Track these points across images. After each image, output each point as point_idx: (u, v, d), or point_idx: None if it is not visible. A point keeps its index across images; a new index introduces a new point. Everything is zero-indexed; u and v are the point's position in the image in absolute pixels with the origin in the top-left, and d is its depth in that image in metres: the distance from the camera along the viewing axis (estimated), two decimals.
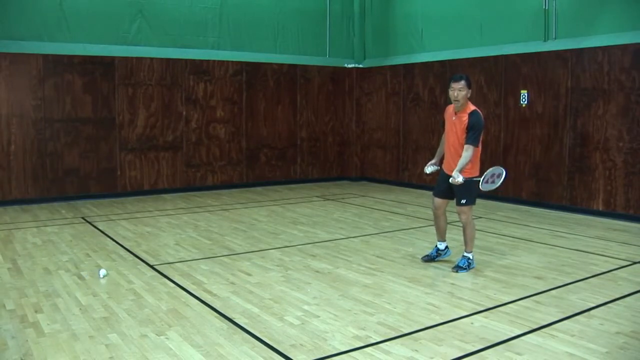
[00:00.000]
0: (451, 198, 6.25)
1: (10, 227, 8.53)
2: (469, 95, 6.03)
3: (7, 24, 10.16)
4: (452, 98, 6.02)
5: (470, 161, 5.93)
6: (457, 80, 6.00)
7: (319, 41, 13.58)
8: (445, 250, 6.56)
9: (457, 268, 6.17)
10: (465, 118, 5.97)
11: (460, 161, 5.90)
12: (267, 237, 7.82)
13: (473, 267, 6.24)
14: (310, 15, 13.35)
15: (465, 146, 5.91)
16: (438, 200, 6.35)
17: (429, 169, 6.36)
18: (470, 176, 5.95)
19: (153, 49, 11.45)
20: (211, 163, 12.20)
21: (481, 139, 6.03)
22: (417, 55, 12.55)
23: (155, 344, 4.25)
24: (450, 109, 6.23)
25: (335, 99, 13.88)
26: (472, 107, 6.04)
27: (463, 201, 6.06)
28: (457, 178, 5.82)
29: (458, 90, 5.97)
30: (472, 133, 5.91)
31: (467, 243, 6.22)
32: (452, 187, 6.04)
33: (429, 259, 6.52)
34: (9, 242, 7.52)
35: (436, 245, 6.57)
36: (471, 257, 6.24)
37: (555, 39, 9.95)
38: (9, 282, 5.76)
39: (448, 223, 6.59)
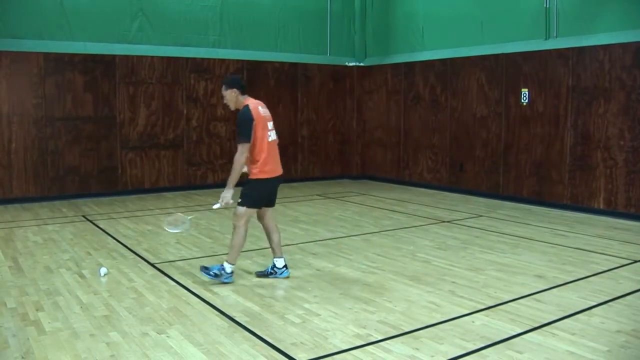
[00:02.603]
0: (265, 205, 5.83)
1: (11, 225, 8.54)
2: (234, 93, 5.71)
3: (8, 22, 10.16)
4: None
5: (255, 161, 5.58)
6: (220, 86, 5.86)
7: (320, 40, 13.57)
8: (283, 270, 5.86)
9: (204, 270, 5.70)
10: None
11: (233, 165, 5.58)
12: None
13: (227, 282, 5.62)
14: (311, 14, 13.34)
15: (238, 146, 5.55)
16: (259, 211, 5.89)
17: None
18: (257, 177, 5.60)
19: (154, 47, 11.44)
20: (212, 161, 12.19)
21: (260, 135, 5.56)
22: (418, 53, 12.55)
23: (156, 342, 4.26)
24: None
25: (336, 98, 13.87)
26: (244, 104, 5.70)
27: (239, 200, 5.64)
28: (224, 199, 5.54)
29: (222, 96, 5.87)
30: (237, 130, 5.61)
31: (229, 251, 5.69)
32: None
33: (262, 274, 5.91)
34: (10, 241, 7.53)
35: (273, 262, 5.93)
36: (227, 270, 5.63)
37: (556, 37, 9.94)
38: (10, 281, 5.76)
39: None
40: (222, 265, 5.69)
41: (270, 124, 5.76)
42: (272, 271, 5.90)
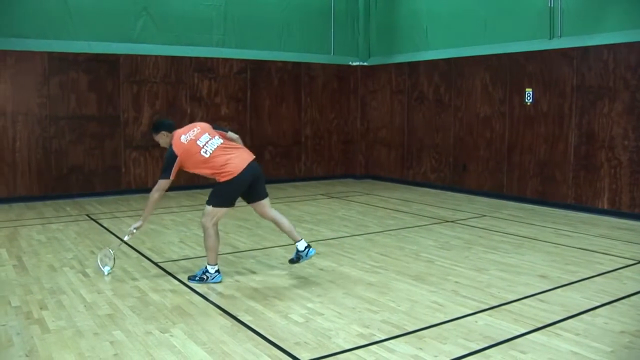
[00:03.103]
0: (252, 199, 5.83)
1: (15, 224, 8.56)
2: (164, 135, 5.75)
3: (13, 22, 10.18)
4: None
5: (214, 174, 5.59)
6: (150, 134, 6.11)
7: (324, 39, 13.57)
8: (307, 251, 5.80)
9: (191, 278, 5.75)
10: None
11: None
12: (271, 235, 7.82)
13: (213, 282, 5.66)
14: (314, 13, 13.34)
15: None
16: (253, 206, 5.92)
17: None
18: (221, 181, 5.58)
19: (158, 46, 11.46)
20: None
21: (194, 160, 5.61)
22: (422, 53, 12.53)
23: (160, 341, 4.26)
24: None
25: (339, 97, 13.87)
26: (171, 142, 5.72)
27: (207, 200, 5.67)
28: (131, 226, 5.84)
29: (156, 141, 5.94)
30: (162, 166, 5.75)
31: (206, 254, 5.73)
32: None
33: (292, 261, 5.92)
34: (14, 239, 7.55)
35: (296, 248, 5.86)
36: (210, 271, 5.68)
37: (560, 37, 9.92)
38: (15, 279, 5.78)
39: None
40: (205, 268, 5.73)
41: (201, 140, 5.62)
42: (297, 256, 5.85)
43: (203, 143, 5.64)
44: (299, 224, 8.62)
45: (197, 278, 5.71)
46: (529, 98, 10.34)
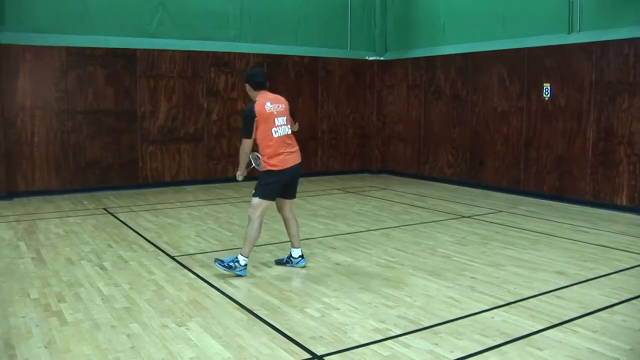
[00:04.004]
0: (282, 196, 5.91)
1: (34, 217, 8.65)
2: (247, 88, 5.84)
3: (31, 17, 10.26)
4: None
5: (263, 154, 5.64)
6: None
7: (340, 33, 13.53)
8: (299, 260, 6.01)
9: (218, 261, 5.72)
10: None
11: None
12: None
13: (240, 274, 5.65)
14: (331, 8, 13.30)
15: None
16: (278, 200, 5.97)
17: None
18: (266, 169, 5.66)
19: (174, 41, 11.49)
20: (232, 155, 12.21)
21: (264, 130, 5.60)
22: (439, 47, 12.45)
23: (176, 334, 4.29)
24: None
25: (356, 92, 13.84)
26: (255, 100, 5.74)
27: (253, 192, 5.73)
28: (238, 178, 5.88)
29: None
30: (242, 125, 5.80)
31: (243, 243, 5.74)
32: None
33: (280, 262, 6.12)
34: (32, 233, 7.63)
35: (290, 251, 6.10)
36: (240, 263, 5.65)
37: (579, 31, 9.81)
38: (33, 272, 5.84)
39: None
40: (237, 257, 5.73)
41: (279, 120, 5.72)
42: (288, 260, 6.07)
43: (279, 123, 5.71)
44: (315, 218, 8.63)
45: (225, 264, 5.68)
46: (547, 93, 10.24)
